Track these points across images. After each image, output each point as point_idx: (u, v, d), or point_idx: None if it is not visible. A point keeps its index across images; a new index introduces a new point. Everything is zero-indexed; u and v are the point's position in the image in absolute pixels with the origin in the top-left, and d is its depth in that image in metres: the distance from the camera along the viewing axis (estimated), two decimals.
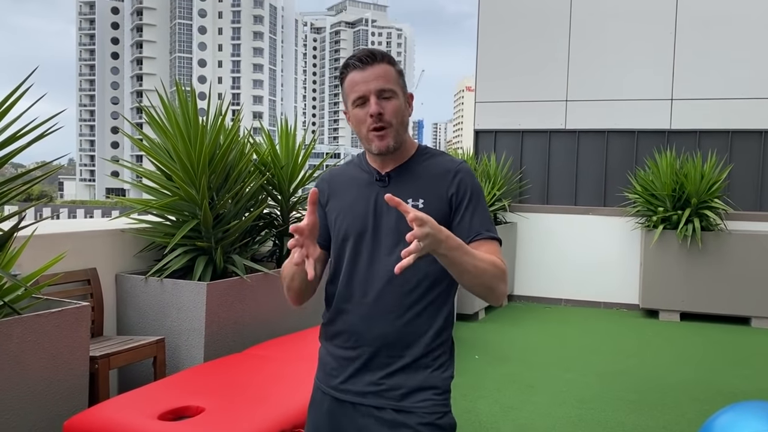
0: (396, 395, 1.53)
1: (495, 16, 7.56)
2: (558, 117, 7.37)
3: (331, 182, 1.67)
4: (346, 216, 1.60)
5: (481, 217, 1.56)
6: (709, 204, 6.38)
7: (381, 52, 1.55)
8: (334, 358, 1.62)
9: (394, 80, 1.53)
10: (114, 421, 2.41)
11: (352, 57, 1.53)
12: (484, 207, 1.59)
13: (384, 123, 1.51)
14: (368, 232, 1.56)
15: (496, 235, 1.57)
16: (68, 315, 2.67)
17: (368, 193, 1.58)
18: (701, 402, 4.09)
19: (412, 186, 1.56)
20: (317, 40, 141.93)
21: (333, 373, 1.61)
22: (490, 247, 1.53)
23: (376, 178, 1.59)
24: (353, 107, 1.53)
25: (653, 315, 6.70)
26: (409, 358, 1.54)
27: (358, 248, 1.57)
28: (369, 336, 1.55)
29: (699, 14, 6.90)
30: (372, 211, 1.57)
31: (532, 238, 7.42)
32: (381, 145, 1.53)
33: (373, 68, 1.51)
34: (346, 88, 1.55)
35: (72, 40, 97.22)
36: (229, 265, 3.89)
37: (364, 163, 1.65)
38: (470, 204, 1.56)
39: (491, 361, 4.92)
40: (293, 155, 4.71)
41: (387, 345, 1.54)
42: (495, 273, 1.43)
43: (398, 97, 1.54)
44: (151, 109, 3.92)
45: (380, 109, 1.50)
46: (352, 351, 1.58)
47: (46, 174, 2.78)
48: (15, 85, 2.54)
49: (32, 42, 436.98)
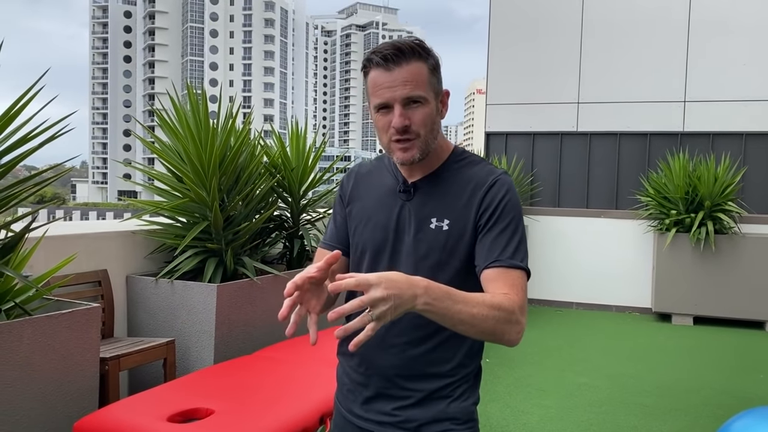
0: (412, 427, 1.40)
1: (506, 18, 7.54)
2: (570, 119, 7.33)
3: (356, 182, 1.52)
4: (366, 227, 1.45)
5: (507, 240, 1.32)
6: (722, 207, 6.32)
7: (410, 45, 1.30)
8: (350, 379, 1.49)
9: (425, 82, 1.31)
10: (124, 423, 2.41)
11: (377, 52, 1.31)
12: (515, 228, 1.33)
13: (410, 135, 1.32)
14: (387, 249, 1.41)
15: (520, 263, 1.31)
16: (79, 316, 2.67)
17: (392, 204, 1.42)
18: (715, 407, 4.04)
19: (439, 201, 1.38)
20: (328, 43, 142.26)
21: (349, 396, 1.49)
22: (507, 278, 1.29)
23: (400, 189, 1.42)
24: (375, 112, 1.34)
25: (666, 319, 6.64)
26: (424, 392, 1.39)
27: (375, 267, 1.42)
28: (381, 365, 1.41)
29: (712, 15, 6.84)
30: (393, 226, 1.41)
31: (543, 241, 7.38)
32: (404, 157, 1.34)
33: (400, 70, 1.29)
34: (369, 87, 1.34)
35: (85, 44, 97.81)
36: (239, 267, 3.88)
37: (392, 166, 1.47)
38: (498, 222, 1.33)
39: (502, 365, 4.89)
40: (303, 157, 4.71)
41: (400, 377, 1.40)
42: (499, 317, 1.20)
43: (429, 103, 1.32)
44: (162, 112, 3.93)
45: (405, 121, 1.30)
46: (364, 377, 1.45)
47: (58, 175, 2.79)
48: (28, 88, 2.55)
49: (46, 45, 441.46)
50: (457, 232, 1.35)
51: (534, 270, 7.87)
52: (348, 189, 1.52)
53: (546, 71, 7.36)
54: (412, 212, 1.40)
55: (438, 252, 1.36)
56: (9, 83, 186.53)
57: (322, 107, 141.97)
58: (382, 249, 1.42)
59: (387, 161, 1.49)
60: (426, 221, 1.38)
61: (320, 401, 2.60)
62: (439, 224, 1.36)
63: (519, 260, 1.32)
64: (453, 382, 1.40)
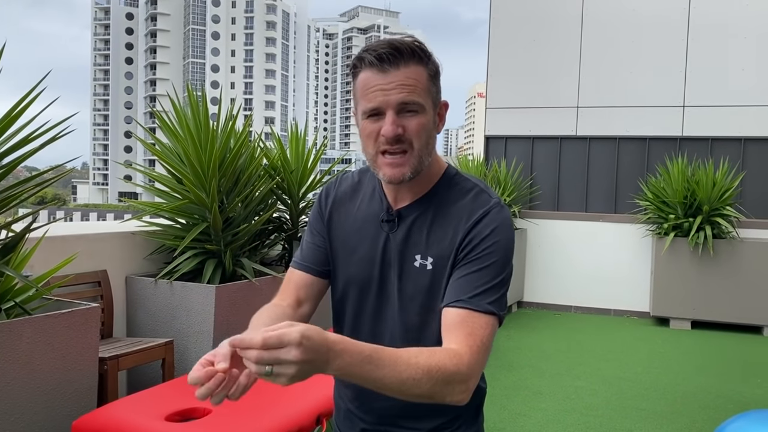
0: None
1: (506, 22, 7.57)
2: (569, 123, 7.35)
3: (336, 202, 1.35)
4: (351, 259, 1.30)
5: (484, 281, 1.13)
6: (721, 211, 6.33)
7: (410, 46, 1.14)
8: (345, 407, 1.39)
9: (423, 88, 1.15)
10: (122, 422, 2.42)
11: (370, 50, 1.14)
12: (497, 271, 1.15)
13: (403, 146, 1.15)
14: (373, 287, 1.28)
15: (491, 307, 1.12)
16: (78, 316, 2.69)
17: (375, 234, 1.27)
18: (711, 410, 4.05)
19: (424, 235, 1.22)
20: (329, 46, 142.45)
21: (346, 422, 1.39)
22: (468, 325, 1.09)
23: (383, 218, 1.26)
24: (364, 118, 1.16)
25: (664, 323, 6.65)
26: (423, 430, 1.30)
27: (362, 301, 1.30)
28: (375, 403, 1.30)
29: (711, 20, 6.86)
30: (379, 261, 1.26)
31: (542, 245, 7.40)
32: (392, 174, 1.16)
33: (396, 72, 1.12)
34: (358, 88, 1.17)
35: (87, 46, 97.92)
36: (238, 269, 3.90)
37: (378, 187, 1.29)
38: (478, 260, 1.15)
39: (500, 368, 4.90)
40: (303, 159, 4.73)
41: (398, 417, 1.30)
42: (437, 379, 1.01)
43: (426, 112, 1.16)
44: (163, 114, 3.95)
45: (398, 129, 1.13)
46: (360, 411, 1.35)
47: (59, 176, 2.81)
48: (30, 89, 2.57)
49: (49, 47, 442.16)
50: (440, 270, 1.20)
51: (532, 273, 7.88)
52: (327, 208, 1.35)
53: (546, 75, 7.39)
54: (395, 247, 1.25)
55: (423, 294, 1.23)
56: (11, 84, 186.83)
57: (323, 110, 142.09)
58: (367, 287, 1.28)
59: (370, 176, 1.33)
60: (410, 258, 1.23)
61: (317, 401, 2.62)
62: (423, 262, 1.21)
63: (490, 304, 1.12)
64: (454, 419, 1.30)
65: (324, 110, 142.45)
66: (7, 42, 2.63)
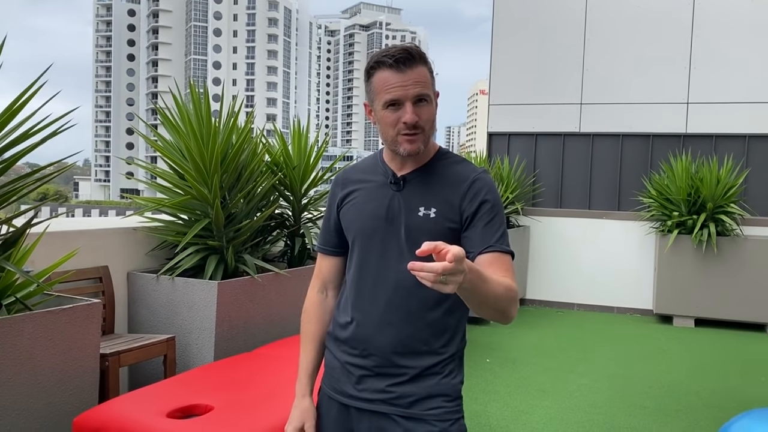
0: (405, 403, 1.50)
1: (509, 18, 7.54)
2: (572, 120, 7.32)
3: (345, 184, 1.64)
4: (358, 217, 1.57)
5: (495, 229, 1.48)
6: (724, 209, 6.31)
7: (418, 51, 1.46)
8: (341, 363, 1.58)
9: (429, 84, 1.47)
10: (123, 418, 2.41)
11: (388, 55, 1.45)
12: (500, 220, 1.50)
13: (418, 130, 1.46)
14: (378, 235, 1.53)
15: (509, 248, 1.48)
16: (79, 312, 2.67)
17: (381, 195, 1.54)
18: (715, 409, 4.03)
19: (426, 193, 1.52)
20: (331, 43, 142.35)
21: (341, 378, 1.57)
22: (503, 262, 1.45)
23: (391, 180, 1.55)
24: (383, 108, 1.47)
25: (667, 321, 6.63)
26: (418, 368, 1.50)
27: (367, 252, 1.54)
28: (376, 344, 1.52)
29: (715, 17, 6.83)
30: (384, 214, 1.53)
31: (545, 242, 7.37)
32: (411, 148, 1.48)
33: (411, 71, 1.44)
34: (375, 85, 1.47)
35: (89, 42, 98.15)
36: (240, 265, 3.89)
37: (380, 163, 1.60)
38: (484, 214, 1.48)
39: (503, 365, 4.89)
40: (305, 156, 4.71)
41: (395, 354, 1.51)
42: (510, 297, 1.35)
43: (432, 102, 1.49)
44: (165, 110, 3.94)
45: (416, 117, 1.45)
46: (359, 359, 1.54)
47: (60, 170, 2.79)
48: (30, 84, 2.56)
49: (51, 43, 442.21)
50: (442, 219, 1.49)
51: (535, 270, 7.87)
52: (338, 193, 1.64)
53: (549, 72, 7.36)
54: (402, 202, 1.52)
55: (425, 237, 1.39)
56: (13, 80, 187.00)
57: (325, 107, 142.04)
58: (373, 235, 1.53)
59: (373, 159, 1.63)
60: (415, 210, 1.51)
61: None
62: (427, 212, 1.49)
63: (508, 246, 1.49)
64: (443, 360, 1.52)
65: (326, 107, 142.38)
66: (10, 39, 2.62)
